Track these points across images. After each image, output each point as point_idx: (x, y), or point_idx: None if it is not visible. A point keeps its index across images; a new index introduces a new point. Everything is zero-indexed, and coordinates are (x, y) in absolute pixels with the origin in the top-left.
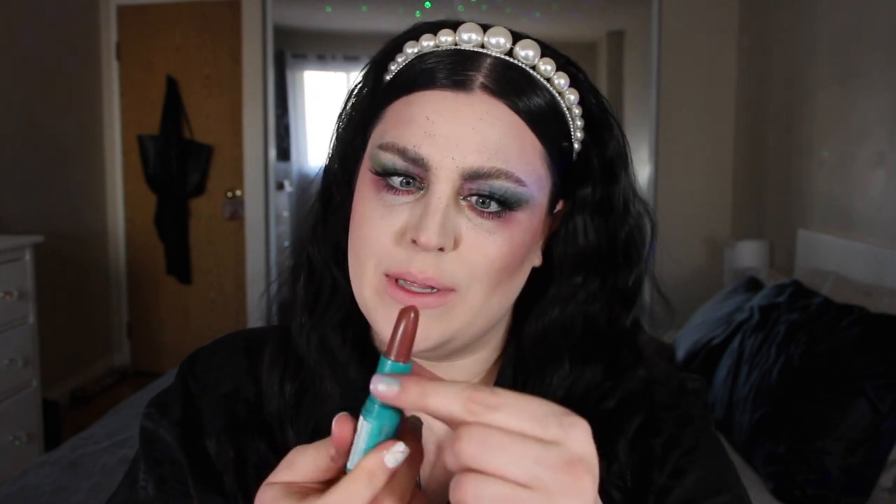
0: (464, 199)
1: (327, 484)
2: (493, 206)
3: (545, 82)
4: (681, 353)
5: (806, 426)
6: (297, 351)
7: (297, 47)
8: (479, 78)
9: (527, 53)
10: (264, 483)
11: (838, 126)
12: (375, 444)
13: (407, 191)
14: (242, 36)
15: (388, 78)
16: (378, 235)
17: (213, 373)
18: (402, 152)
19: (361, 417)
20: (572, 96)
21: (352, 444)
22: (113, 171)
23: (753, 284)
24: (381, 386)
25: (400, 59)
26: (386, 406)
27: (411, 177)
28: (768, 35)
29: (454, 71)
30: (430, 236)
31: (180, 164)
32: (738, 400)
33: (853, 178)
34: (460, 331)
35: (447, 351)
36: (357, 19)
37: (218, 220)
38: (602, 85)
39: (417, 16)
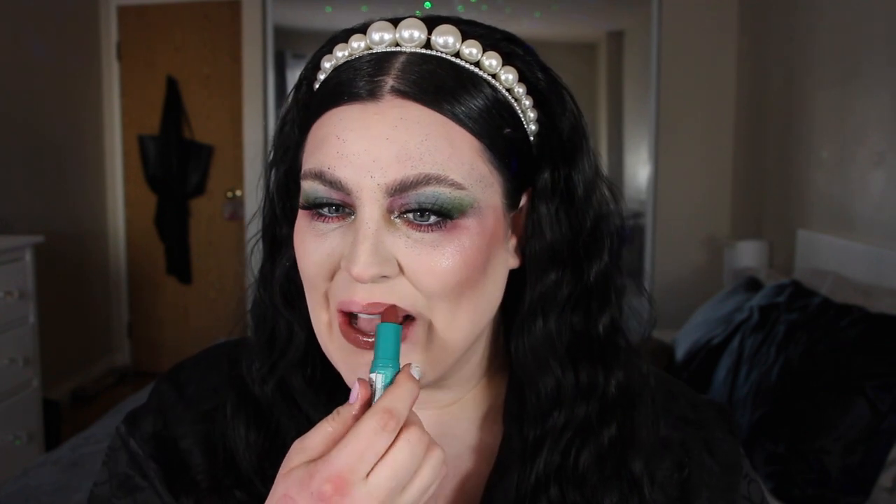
0: (398, 216)
1: None
2: (432, 218)
3: (472, 68)
4: (680, 353)
5: (805, 426)
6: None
7: (297, 47)
8: (389, 81)
9: (445, 40)
10: (279, 475)
11: (838, 126)
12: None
13: (337, 217)
14: (242, 36)
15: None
16: (315, 268)
17: (194, 385)
18: (319, 177)
19: (374, 374)
20: (510, 76)
21: (372, 397)
22: (113, 172)
23: (753, 284)
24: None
25: (321, 76)
26: (390, 360)
27: (335, 204)
28: (768, 35)
29: (364, 80)
30: (361, 267)
31: (180, 165)
32: (737, 400)
33: (853, 178)
34: (439, 361)
35: (432, 384)
36: (357, 20)
37: (218, 220)
38: (602, 85)
39: (417, 15)
